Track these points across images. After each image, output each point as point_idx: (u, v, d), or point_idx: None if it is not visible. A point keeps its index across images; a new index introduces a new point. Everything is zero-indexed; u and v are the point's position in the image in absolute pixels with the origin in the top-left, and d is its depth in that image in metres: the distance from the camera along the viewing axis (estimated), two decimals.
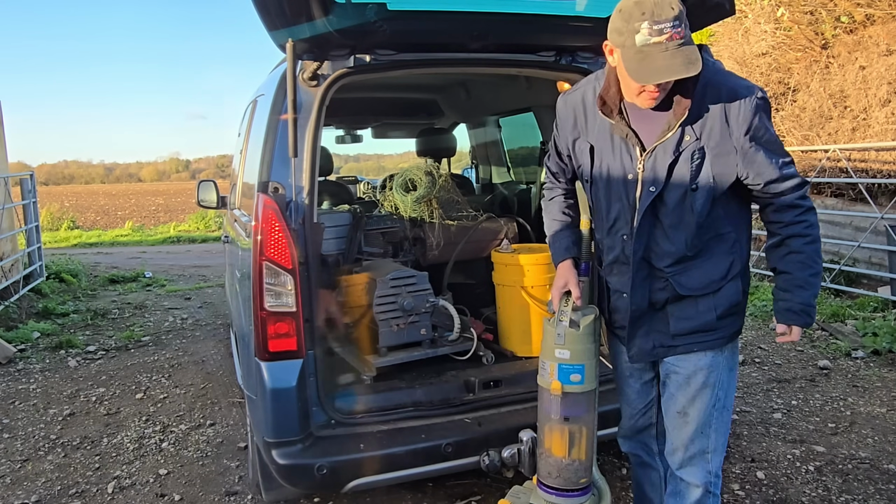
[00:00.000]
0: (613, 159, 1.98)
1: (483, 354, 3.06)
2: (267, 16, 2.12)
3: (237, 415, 4.03)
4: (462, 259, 3.56)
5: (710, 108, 1.83)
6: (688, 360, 2.03)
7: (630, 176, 1.95)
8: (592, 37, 2.70)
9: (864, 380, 4.33)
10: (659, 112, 1.88)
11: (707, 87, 1.84)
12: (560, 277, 2.13)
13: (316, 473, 2.36)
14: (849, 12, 6.97)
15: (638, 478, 2.40)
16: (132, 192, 45.21)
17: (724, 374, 2.04)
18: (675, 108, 1.85)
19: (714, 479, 2.07)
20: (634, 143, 1.93)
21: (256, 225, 2.39)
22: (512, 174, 5.12)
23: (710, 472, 2.07)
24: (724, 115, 1.84)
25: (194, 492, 3.17)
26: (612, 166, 1.99)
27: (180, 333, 6.04)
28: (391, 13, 2.15)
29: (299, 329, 2.40)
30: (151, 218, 22.56)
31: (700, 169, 1.87)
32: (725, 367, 2.04)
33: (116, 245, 13.67)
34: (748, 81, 1.92)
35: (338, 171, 7.97)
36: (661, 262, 1.98)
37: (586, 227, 2.25)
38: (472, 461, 2.52)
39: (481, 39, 2.56)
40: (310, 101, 2.51)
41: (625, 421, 2.32)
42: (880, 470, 3.17)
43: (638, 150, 1.93)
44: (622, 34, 1.74)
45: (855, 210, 6.48)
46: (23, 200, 7.88)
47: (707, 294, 1.98)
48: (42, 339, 5.84)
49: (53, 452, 3.64)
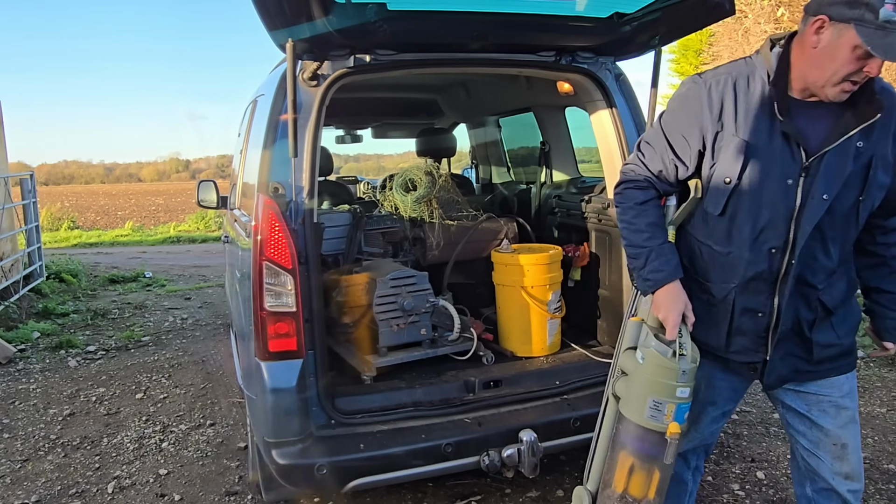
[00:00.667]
0: (771, 161, 1.74)
1: (483, 354, 3.06)
2: (267, 16, 2.12)
3: (237, 415, 4.03)
4: (462, 259, 3.56)
5: (886, 113, 1.71)
6: (833, 385, 1.92)
7: (790, 181, 1.73)
8: (592, 37, 2.71)
9: (864, 380, 4.33)
10: (823, 111, 1.73)
11: (883, 92, 1.72)
12: (678, 301, 1.84)
13: (316, 473, 2.36)
14: None
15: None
16: (132, 192, 45.21)
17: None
18: (860, 110, 1.69)
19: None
20: (800, 144, 1.72)
21: (256, 225, 2.39)
22: (512, 174, 5.12)
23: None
24: (893, 123, 1.74)
25: (194, 492, 3.17)
26: (768, 169, 1.74)
27: (180, 333, 6.04)
28: (391, 13, 2.15)
29: (299, 329, 2.40)
30: (151, 218, 22.57)
31: (868, 177, 1.73)
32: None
33: (116, 245, 13.67)
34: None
35: (338, 171, 7.98)
36: (816, 278, 1.81)
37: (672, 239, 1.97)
38: (472, 461, 2.52)
39: (481, 39, 2.56)
40: (310, 101, 2.51)
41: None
42: (880, 470, 3.17)
43: (803, 152, 1.72)
44: (855, 7, 1.56)
45: None
46: (23, 200, 7.89)
47: (841, 312, 1.88)
48: (42, 339, 5.84)
49: (53, 452, 3.64)
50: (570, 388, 2.83)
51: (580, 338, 3.26)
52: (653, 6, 2.39)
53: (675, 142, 1.87)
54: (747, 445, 3.45)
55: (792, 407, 1.98)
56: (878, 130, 1.72)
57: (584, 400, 2.75)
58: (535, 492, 3.01)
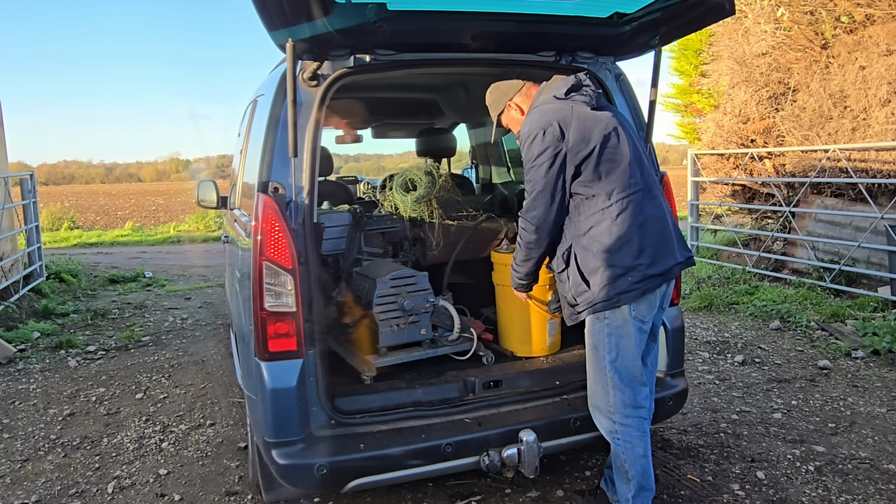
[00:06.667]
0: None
1: (483, 354, 3.06)
2: (267, 16, 2.12)
3: (237, 415, 4.03)
4: (462, 259, 3.56)
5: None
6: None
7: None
8: (592, 37, 2.71)
9: (864, 380, 4.33)
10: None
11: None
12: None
13: (316, 473, 2.36)
14: (849, 12, 6.96)
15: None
16: (132, 192, 45.23)
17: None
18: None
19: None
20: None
21: (256, 225, 2.39)
22: (512, 174, 5.12)
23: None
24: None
25: (194, 492, 3.17)
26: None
27: (180, 333, 6.04)
28: (391, 13, 2.15)
29: (299, 329, 2.40)
30: (151, 218, 22.57)
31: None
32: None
33: (116, 245, 13.66)
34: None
35: (338, 171, 7.96)
36: None
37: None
38: (472, 461, 2.52)
39: (481, 39, 2.56)
40: (310, 101, 2.51)
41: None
42: (880, 470, 3.17)
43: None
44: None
45: (855, 210, 6.48)
46: (23, 200, 7.89)
47: None
48: (42, 339, 5.84)
49: (53, 452, 3.64)
50: (570, 388, 2.83)
51: (580, 338, 3.26)
52: (653, 6, 2.39)
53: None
54: (747, 445, 3.45)
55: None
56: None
57: (583, 400, 2.74)
58: (535, 492, 3.01)
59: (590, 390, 2.56)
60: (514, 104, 2.65)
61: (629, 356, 2.45)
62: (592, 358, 2.52)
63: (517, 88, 2.66)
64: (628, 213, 2.38)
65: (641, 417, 2.50)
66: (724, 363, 4.77)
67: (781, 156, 7.68)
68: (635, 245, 2.38)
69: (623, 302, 2.40)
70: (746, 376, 4.47)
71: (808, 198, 7.22)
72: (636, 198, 2.41)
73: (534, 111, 2.51)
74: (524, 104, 2.63)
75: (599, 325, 2.45)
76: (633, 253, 2.38)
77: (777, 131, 7.80)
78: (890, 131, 6.32)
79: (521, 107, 2.64)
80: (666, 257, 2.45)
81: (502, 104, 2.68)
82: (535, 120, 2.44)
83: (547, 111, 2.44)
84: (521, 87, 2.66)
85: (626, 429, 2.47)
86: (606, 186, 2.40)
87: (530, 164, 2.43)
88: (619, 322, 2.43)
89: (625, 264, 2.37)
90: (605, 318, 2.43)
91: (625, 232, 2.37)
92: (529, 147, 2.42)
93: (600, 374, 2.49)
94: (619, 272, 2.37)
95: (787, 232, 7.24)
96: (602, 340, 2.46)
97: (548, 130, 2.38)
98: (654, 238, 2.42)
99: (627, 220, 2.38)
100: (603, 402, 2.50)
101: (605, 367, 2.46)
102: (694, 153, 8.54)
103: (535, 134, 2.40)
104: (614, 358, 2.45)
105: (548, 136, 2.38)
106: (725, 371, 4.60)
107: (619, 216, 2.38)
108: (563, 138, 2.38)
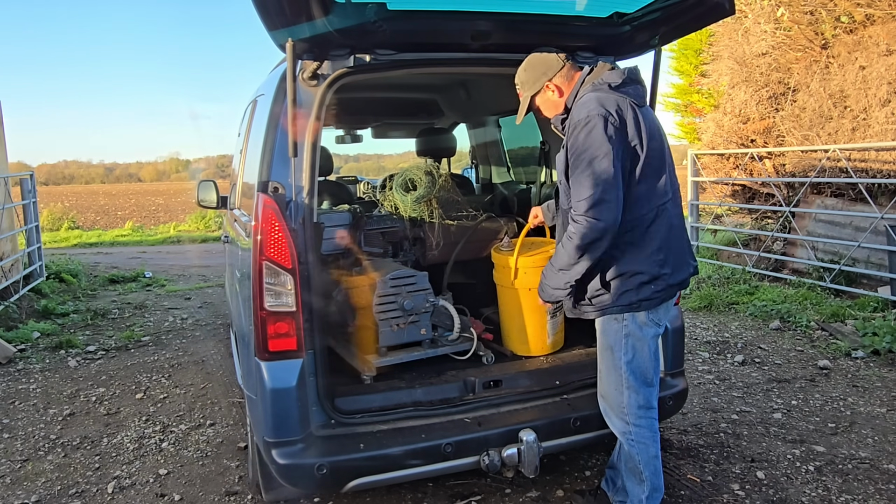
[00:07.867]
0: None
1: (483, 354, 3.06)
2: (267, 16, 2.12)
3: (237, 415, 4.03)
4: (462, 259, 3.56)
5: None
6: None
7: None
8: (592, 37, 2.70)
9: (864, 380, 4.33)
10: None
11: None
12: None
13: (316, 473, 2.36)
14: (849, 12, 6.96)
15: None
16: (132, 192, 45.23)
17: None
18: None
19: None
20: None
21: (256, 225, 2.39)
22: (512, 174, 5.12)
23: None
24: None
25: (194, 492, 3.16)
26: None
27: (180, 333, 6.04)
28: (391, 13, 2.15)
29: (299, 329, 2.40)
30: (151, 218, 22.57)
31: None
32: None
33: (116, 245, 13.66)
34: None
35: (338, 171, 7.96)
36: None
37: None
38: (472, 461, 2.52)
39: (481, 39, 2.56)
40: (310, 101, 2.51)
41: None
42: (880, 470, 3.17)
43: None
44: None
45: (855, 210, 6.48)
46: (23, 200, 7.89)
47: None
48: (42, 339, 5.84)
49: (53, 452, 3.64)
50: (570, 388, 2.83)
51: (580, 338, 3.26)
52: (653, 6, 2.39)
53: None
54: (747, 445, 3.45)
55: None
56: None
57: (584, 400, 2.75)
58: (535, 492, 3.01)
59: (602, 391, 2.54)
60: (553, 85, 2.42)
61: (644, 358, 2.44)
62: (607, 358, 2.48)
63: (557, 68, 2.41)
64: (661, 221, 2.34)
65: (652, 418, 2.49)
66: (724, 363, 4.77)
67: (781, 156, 7.69)
68: (663, 254, 2.35)
69: (643, 308, 2.38)
70: (746, 376, 4.47)
71: (808, 198, 7.22)
72: (669, 206, 2.35)
73: (590, 97, 2.28)
74: (565, 87, 2.42)
75: (617, 325, 2.42)
76: (660, 262, 2.34)
77: (777, 131, 7.80)
78: (890, 131, 6.32)
79: (562, 88, 2.42)
80: (684, 267, 2.45)
81: (540, 84, 2.43)
82: (595, 107, 2.23)
83: (605, 99, 2.24)
84: (561, 67, 2.41)
85: (640, 430, 2.45)
86: (646, 192, 2.30)
87: (589, 154, 2.20)
88: (638, 324, 2.41)
89: (652, 272, 2.34)
90: (623, 319, 2.40)
91: (655, 240, 2.33)
92: (588, 135, 2.20)
93: (615, 374, 2.46)
94: (644, 279, 2.34)
95: (787, 232, 7.24)
96: (619, 342, 2.43)
97: (610, 119, 2.20)
98: (676, 247, 2.40)
99: (661, 229, 2.34)
100: (616, 402, 2.48)
101: (620, 367, 2.44)
102: (694, 153, 8.54)
103: (596, 121, 2.19)
104: (630, 359, 2.42)
105: (611, 125, 2.20)
106: (725, 371, 4.60)
107: (653, 224, 2.32)
108: (624, 130, 2.24)
